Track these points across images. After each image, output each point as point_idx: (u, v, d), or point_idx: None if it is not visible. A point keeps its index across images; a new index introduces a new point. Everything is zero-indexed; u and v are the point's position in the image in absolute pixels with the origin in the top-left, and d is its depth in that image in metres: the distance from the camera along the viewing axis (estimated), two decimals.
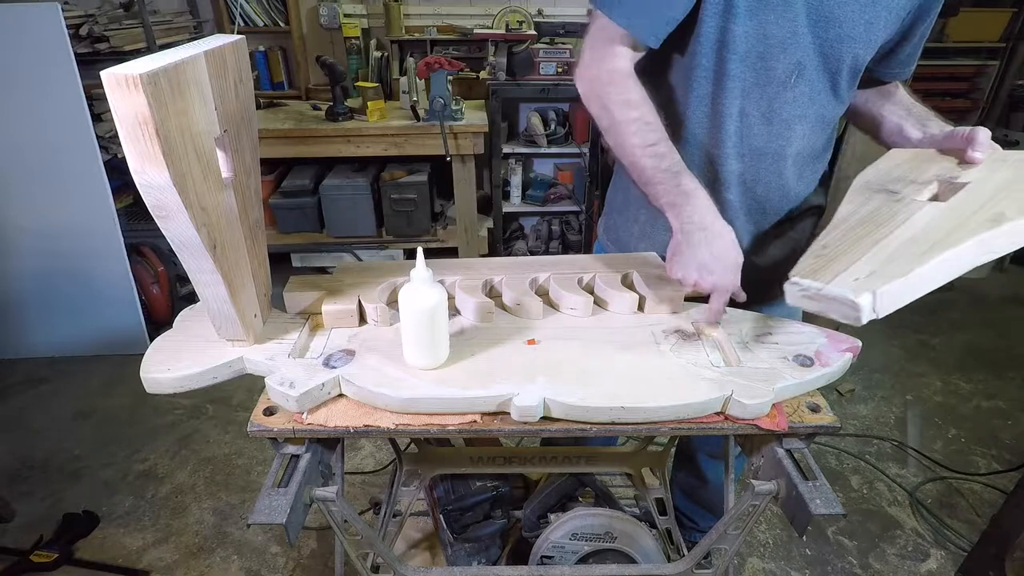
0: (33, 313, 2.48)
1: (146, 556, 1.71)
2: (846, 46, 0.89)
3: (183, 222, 0.65)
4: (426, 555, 1.34)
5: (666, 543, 1.25)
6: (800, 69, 0.91)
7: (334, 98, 2.73)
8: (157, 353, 0.81)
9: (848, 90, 0.97)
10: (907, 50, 0.98)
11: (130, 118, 0.56)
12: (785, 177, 1.02)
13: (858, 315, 0.70)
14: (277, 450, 0.78)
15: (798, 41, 0.88)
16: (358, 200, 2.88)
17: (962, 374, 2.51)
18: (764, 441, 0.81)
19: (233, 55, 0.73)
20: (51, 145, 2.21)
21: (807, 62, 0.90)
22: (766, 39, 0.88)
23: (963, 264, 0.73)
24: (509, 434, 0.80)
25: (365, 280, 0.95)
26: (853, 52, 0.90)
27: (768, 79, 0.91)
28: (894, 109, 1.04)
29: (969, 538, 1.74)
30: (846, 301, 0.70)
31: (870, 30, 0.89)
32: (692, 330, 0.89)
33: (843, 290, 0.70)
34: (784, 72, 0.91)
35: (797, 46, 0.88)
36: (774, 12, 0.86)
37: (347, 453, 1.14)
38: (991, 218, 0.75)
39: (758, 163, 0.99)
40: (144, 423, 2.21)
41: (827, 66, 0.92)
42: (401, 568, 0.96)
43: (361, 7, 3.42)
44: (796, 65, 0.90)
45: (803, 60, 0.90)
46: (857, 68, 0.94)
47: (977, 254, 0.73)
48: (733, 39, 0.88)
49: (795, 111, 0.95)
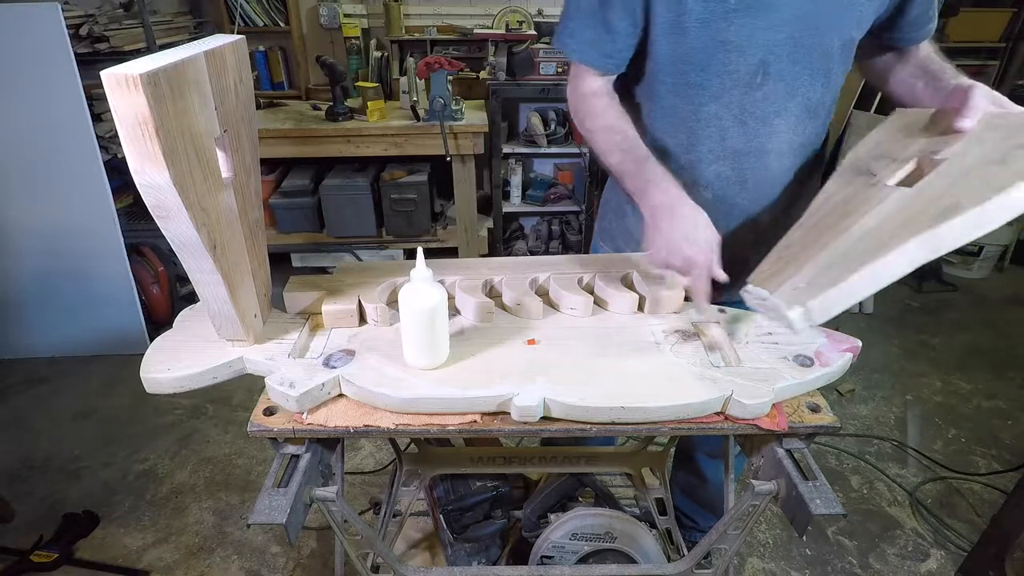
0: (33, 313, 2.48)
1: (146, 556, 1.71)
2: (830, 33, 0.89)
3: (183, 222, 0.65)
4: (426, 555, 1.34)
5: (666, 543, 1.25)
6: (765, 68, 0.91)
7: (334, 98, 2.73)
8: (157, 353, 0.81)
9: (841, 71, 0.96)
10: (913, 13, 0.95)
11: (130, 118, 0.56)
12: (772, 170, 1.02)
13: (792, 327, 0.71)
14: (277, 450, 0.78)
15: (755, 42, 0.89)
16: (358, 200, 2.88)
17: (962, 374, 2.51)
18: (764, 441, 0.81)
19: (233, 55, 0.73)
20: (51, 145, 2.21)
21: (772, 60, 0.90)
22: (723, 46, 0.90)
23: (900, 269, 0.71)
24: (509, 434, 0.80)
25: (365, 280, 0.95)
26: (841, 36, 0.90)
27: (733, 82, 0.93)
28: (910, 70, 1.00)
29: (969, 538, 1.74)
30: (781, 314, 0.71)
31: (853, 8, 0.88)
32: (692, 330, 0.89)
33: (779, 302, 0.72)
34: (748, 74, 0.92)
35: (756, 47, 0.89)
36: (725, 20, 0.88)
37: (347, 453, 1.14)
38: (942, 211, 0.71)
39: (740, 162, 1.00)
40: (144, 423, 2.21)
41: (808, 56, 0.91)
42: (401, 568, 0.96)
43: (361, 7, 3.42)
44: (760, 65, 0.91)
45: (766, 59, 0.90)
46: (849, 48, 0.94)
47: (920, 255, 0.70)
48: (689, 52, 0.91)
49: (770, 108, 0.95)
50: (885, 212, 0.75)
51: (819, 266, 0.73)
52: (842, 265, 0.72)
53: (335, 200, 2.89)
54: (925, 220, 0.70)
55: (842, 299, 0.70)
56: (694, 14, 0.88)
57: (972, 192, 0.70)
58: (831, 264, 0.73)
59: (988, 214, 0.68)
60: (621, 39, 0.95)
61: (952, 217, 0.68)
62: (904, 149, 0.84)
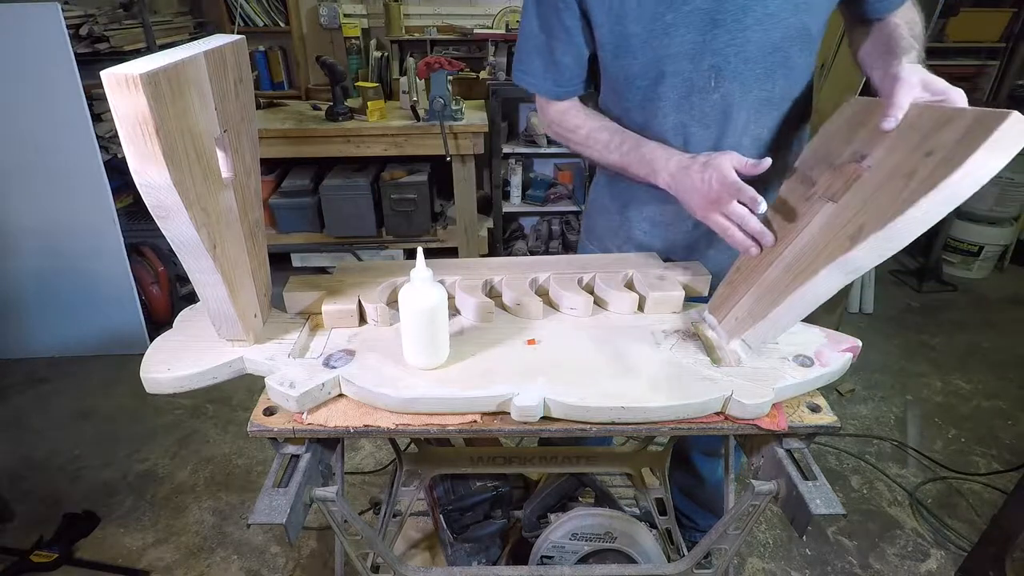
0: (33, 313, 2.48)
1: (146, 556, 1.71)
2: (776, 27, 0.88)
3: (183, 222, 0.65)
4: (426, 555, 1.34)
5: (666, 543, 1.25)
6: (717, 72, 0.92)
7: (334, 98, 2.73)
8: (157, 353, 0.81)
9: (803, 58, 0.95)
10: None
11: (130, 118, 0.56)
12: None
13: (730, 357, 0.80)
14: (277, 450, 0.78)
15: (702, 50, 0.90)
16: (358, 200, 2.88)
17: (962, 374, 2.51)
18: (764, 441, 0.81)
19: (233, 55, 0.73)
20: (51, 145, 2.21)
21: (721, 62, 0.91)
22: (672, 59, 0.91)
23: (821, 295, 0.72)
24: (509, 434, 0.80)
25: (365, 280, 0.95)
26: (790, 26, 0.89)
27: (688, 90, 0.94)
28: (870, 47, 0.94)
29: (969, 538, 1.74)
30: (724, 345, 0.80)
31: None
32: (692, 330, 0.89)
33: (723, 334, 0.82)
34: (701, 79, 0.93)
35: (704, 54, 0.90)
36: (666, 35, 0.89)
37: (347, 453, 1.14)
38: (852, 235, 0.69)
39: None
40: (144, 423, 2.21)
41: (759, 52, 0.90)
42: (401, 568, 0.96)
43: (361, 7, 3.42)
44: (710, 70, 0.91)
45: (716, 63, 0.91)
46: (805, 34, 0.92)
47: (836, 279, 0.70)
48: (642, 69, 0.94)
49: (729, 107, 0.95)
50: (810, 234, 0.76)
51: (755, 296, 0.78)
52: (770, 297, 0.76)
53: (335, 200, 2.89)
54: (838, 245, 0.69)
55: (772, 329, 0.77)
56: (637, 37, 0.91)
57: (879, 212, 0.67)
58: (762, 296, 0.78)
59: (893, 236, 0.65)
60: (570, 70, 1.01)
61: (860, 241, 0.67)
62: (842, 150, 0.81)
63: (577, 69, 1.01)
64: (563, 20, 0.95)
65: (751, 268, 0.82)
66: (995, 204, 3.16)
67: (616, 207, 1.15)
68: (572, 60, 1.00)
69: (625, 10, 0.89)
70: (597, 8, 0.91)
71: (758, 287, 0.79)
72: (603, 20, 0.92)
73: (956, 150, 0.61)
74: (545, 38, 0.99)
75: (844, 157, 0.78)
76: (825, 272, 0.69)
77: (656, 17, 0.88)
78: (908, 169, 0.66)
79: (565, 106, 1.06)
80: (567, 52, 0.99)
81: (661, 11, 0.88)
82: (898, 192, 0.65)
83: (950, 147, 0.62)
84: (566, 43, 0.98)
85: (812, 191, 0.78)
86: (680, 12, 0.87)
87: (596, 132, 1.03)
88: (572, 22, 0.95)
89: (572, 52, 0.99)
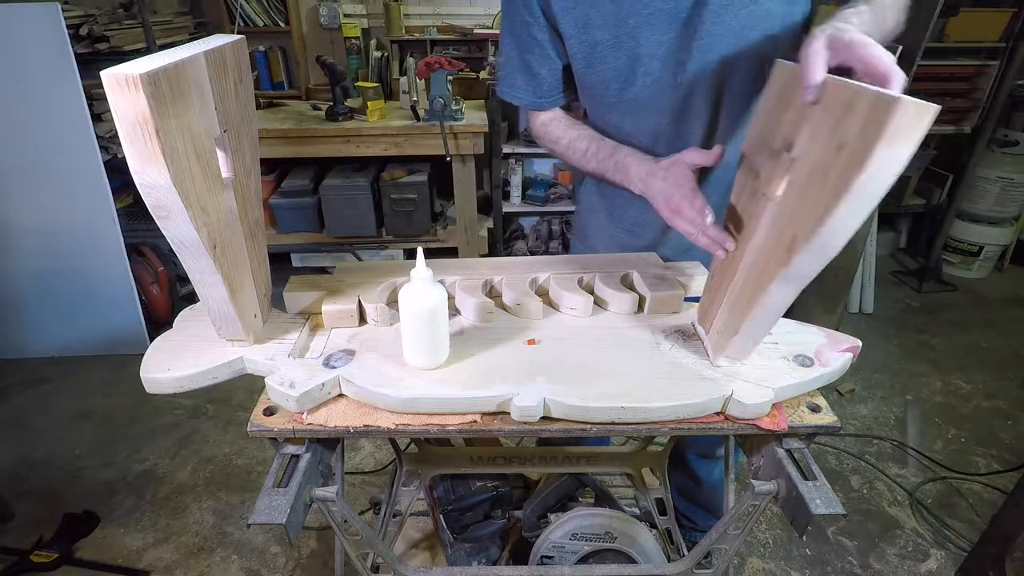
0: (33, 313, 2.48)
1: (146, 556, 1.71)
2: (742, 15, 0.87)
3: (183, 222, 0.65)
4: (426, 555, 1.34)
5: (666, 543, 1.25)
6: (685, 70, 0.92)
7: (334, 98, 2.73)
8: (157, 353, 0.81)
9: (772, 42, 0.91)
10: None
11: (130, 118, 0.56)
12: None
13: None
14: (277, 450, 0.78)
15: (672, 47, 0.91)
16: (358, 200, 2.88)
17: (962, 374, 2.51)
18: (764, 441, 0.81)
19: (233, 55, 0.73)
20: (51, 145, 2.21)
21: (687, 58, 0.91)
22: (639, 60, 0.92)
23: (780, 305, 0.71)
24: (509, 434, 0.80)
25: (365, 280, 0.95)
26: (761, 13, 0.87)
27: (660, 88, 0.95)
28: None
29: (969, 538, 1.74)
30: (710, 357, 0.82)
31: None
32: (692, 330, 0.89)
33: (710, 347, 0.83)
34: (672, 79, 0.93)
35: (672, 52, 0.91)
36: (632, 39, 0.90)
37: (347, 453, 1.14)
38: (788, 245, 0.64)
39: None
40: (144, 423, 2.21)
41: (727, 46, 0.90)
42: (401, 568, 0.96)
43: (361, 7, 3.42)
44: (679, 67, 0.92)
45: (683, 60, 0.91)
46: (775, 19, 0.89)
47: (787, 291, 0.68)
48: (613, 73, 0.95)
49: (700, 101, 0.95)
50: (759, 239, 0.73)
51: (728, 308, 0.79)
52: (739, 309, 0.76)
53: (335, 200, 2.89)
54: (778, 258, 0.67)
55: (749, 340, 0.77)
56: (604, 43, 0.92)
57: (806, 219, 0.61)
58: (732, 308, 0.78)
59: (823, 246, 0.61)
60: (547, 82, 1.04)
61: (796, 253, 0.63)
62: (776, 132, 0.72)
63: (553, 81, 1.04)
64: (533, 34, 0.98)
65: (723, 273, 0.81)
66: (995, 204, 3.16)
67: (603, 207, 1.18)
68: (547, 72, 1.02)
69: (590, 19, 0.91)
70: (564, 20, 0.94)
71: (729, 296, 0.78)
72: (571, 31, 0.94)
73: (859, 145, 0.54)
74: (520, 52, 1.02)
75: (777, 142, 0.70)
76: (774, 287, 0.67)
77: (620, 22, 0.90)
78: (825, 166, 0.60)
79: (547, 117, 1.09)
80: (542, 65, 1.01)
81: (624, 16, 0.89)
82: (819, 196, 0.60)
83: (855, 140, 0.55)
84: (540, 56, 1.01)
85: (757, 184, 0.74)
86: (642, 15, 0.89)
87: (576, 142, 1.06)
88: (542, 35, 0.98)
89: (547, 64, 1.01)
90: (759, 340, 0.78)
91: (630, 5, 0.89)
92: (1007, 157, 3.10)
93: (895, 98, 0.50)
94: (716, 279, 0.85)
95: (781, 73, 0.73)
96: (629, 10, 0.89)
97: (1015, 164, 3.09)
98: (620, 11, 0.90)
